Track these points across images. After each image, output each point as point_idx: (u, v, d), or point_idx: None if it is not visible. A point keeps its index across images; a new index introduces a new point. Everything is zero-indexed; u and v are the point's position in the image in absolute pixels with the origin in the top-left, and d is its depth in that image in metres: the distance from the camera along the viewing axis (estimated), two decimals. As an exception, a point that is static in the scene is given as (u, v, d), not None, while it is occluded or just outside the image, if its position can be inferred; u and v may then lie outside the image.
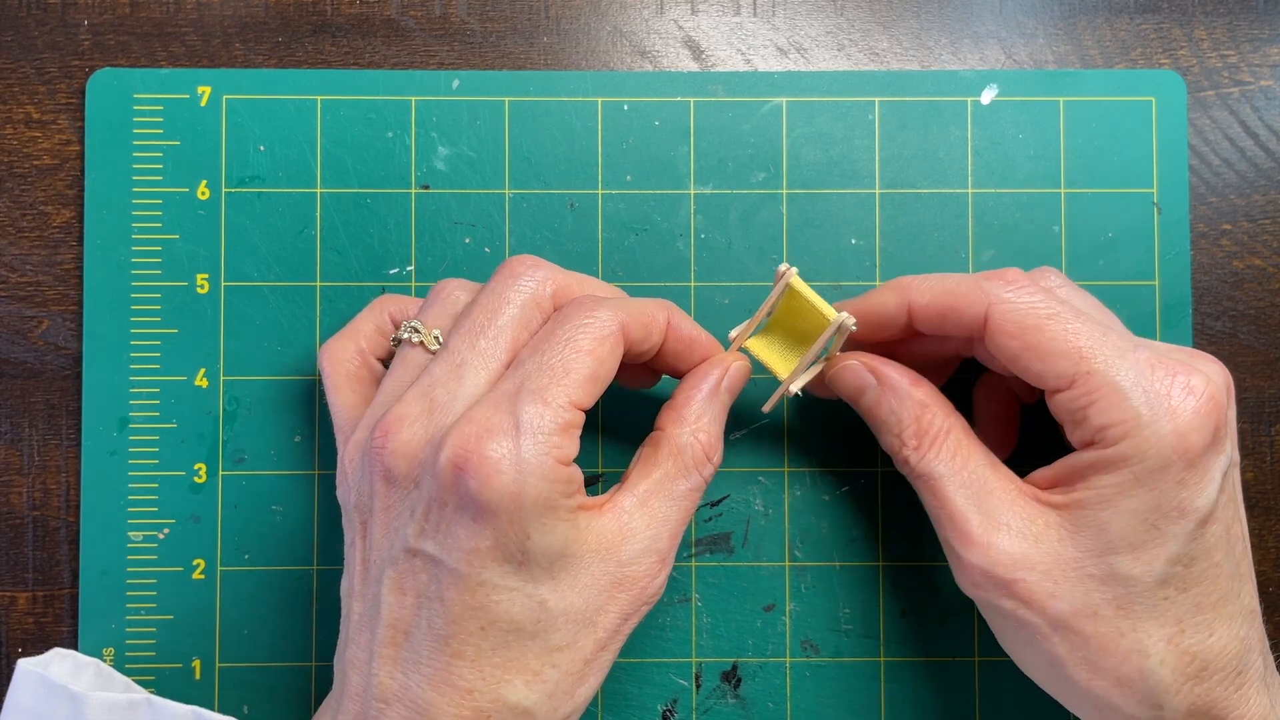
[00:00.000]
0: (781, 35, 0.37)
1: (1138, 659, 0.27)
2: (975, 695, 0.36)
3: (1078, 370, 0.28)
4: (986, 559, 0.28)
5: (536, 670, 0.27)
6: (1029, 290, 0.29)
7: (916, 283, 0.31)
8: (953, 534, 0.29)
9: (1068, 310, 0.28)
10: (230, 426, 0.36)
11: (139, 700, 0.31)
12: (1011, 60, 0.37)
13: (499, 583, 0.26)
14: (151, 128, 0.36)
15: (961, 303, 0.29)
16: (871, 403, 0.31)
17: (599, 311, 0.28)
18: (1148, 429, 0.27)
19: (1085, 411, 0.28)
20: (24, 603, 0.36)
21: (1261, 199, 0.37)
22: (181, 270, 0.36)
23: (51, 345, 0.36)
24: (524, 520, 0.26)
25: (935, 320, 0.30)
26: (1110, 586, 0.27)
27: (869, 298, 0.32)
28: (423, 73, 0.36)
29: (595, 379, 0.28)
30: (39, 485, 0.36)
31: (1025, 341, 0.28)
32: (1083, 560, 0.28)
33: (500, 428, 0.26)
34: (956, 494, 0.29)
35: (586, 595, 0.27)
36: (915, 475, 0.30)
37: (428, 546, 0.27)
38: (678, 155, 0.36)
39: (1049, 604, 0.28)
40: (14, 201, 0.36)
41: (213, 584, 0.35)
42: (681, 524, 0.29)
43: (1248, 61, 0.37)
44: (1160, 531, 0.27)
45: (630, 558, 0.28)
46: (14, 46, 0.37)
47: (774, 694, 0.35)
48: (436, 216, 0.36)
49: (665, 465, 0.29)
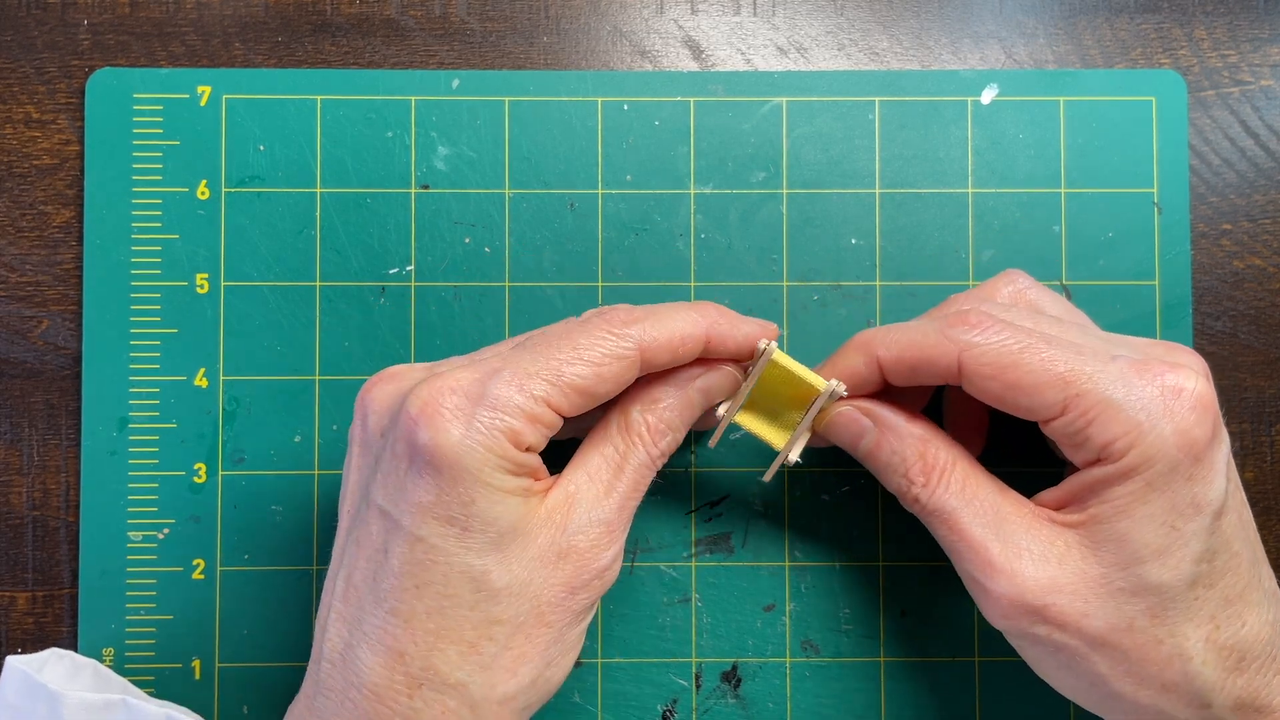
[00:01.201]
0: (781, 35, 0.37)
1: (1180, 663, 0.27)
2: (975, 695, 0.36)
3: (1066, 396, 0.27)
4: (1014, 587, 0.28)
5: (472, 641, 0.26)
6: (994, 329, 0.28)
7: (879, 339, 0.30)
8: (975, 566, 0.29)
9: (1037, 339, 0.28)
10: (230, 426, 0.36)
11: (115, 701, 0.31)
12: (1011, 60, 0.37)
13: (438, 544, 0.26)
14: (151, 128, 0.36)
15: (931, 354, 0.29)
16: (871, 446, 0.31)
17: (625, 330, 0.28)
18: (1150, 435, 0.27)
19: (1085, 433, 0.27)
20: (24, 603, 0.36)
21: (1261, 199, 0.37)
22: (181, 270, 0.36)
23: (51, 345, 0.36)
24: (466, 483, 0.26)
25: (907, 374, 0.30)
26: (1142, 597, 0.27)
27: (837, 362, 0.31)
28: (423, 72, 0.36)
29: (586, 392, 0.27)
30: (39, 485, 0.36)
31: (1005, 381, 0.28)
32: (1110, 575, 0.28)
33: (465, 389, 0.26)
34: (973, 525, 0.29)
35: (531, 568, 0.27)
36: (928, 513, 0.30)
37: (380, 498, 0.27)
38: (678, 155, 0.36)
39: (1084, 624, 0.28)
40: (14, 201, 0.36)
41: (212, 584, 0.35)
42: (629, 497, 0.29)
43: (1248, 61, 0.37)
44: (1180, 532, 0.27)
45: (575, 527, 0.28)
46: (14, 46, 0.37)
47: (774, 694, 0.35)
48: (436, 216, 0.36)
49: (614, 439, 0.29)
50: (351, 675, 0.26)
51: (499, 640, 0.27)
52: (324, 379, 0.36)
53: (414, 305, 0.36)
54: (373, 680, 0.26)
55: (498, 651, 0.27)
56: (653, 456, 0.29)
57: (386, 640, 0.26)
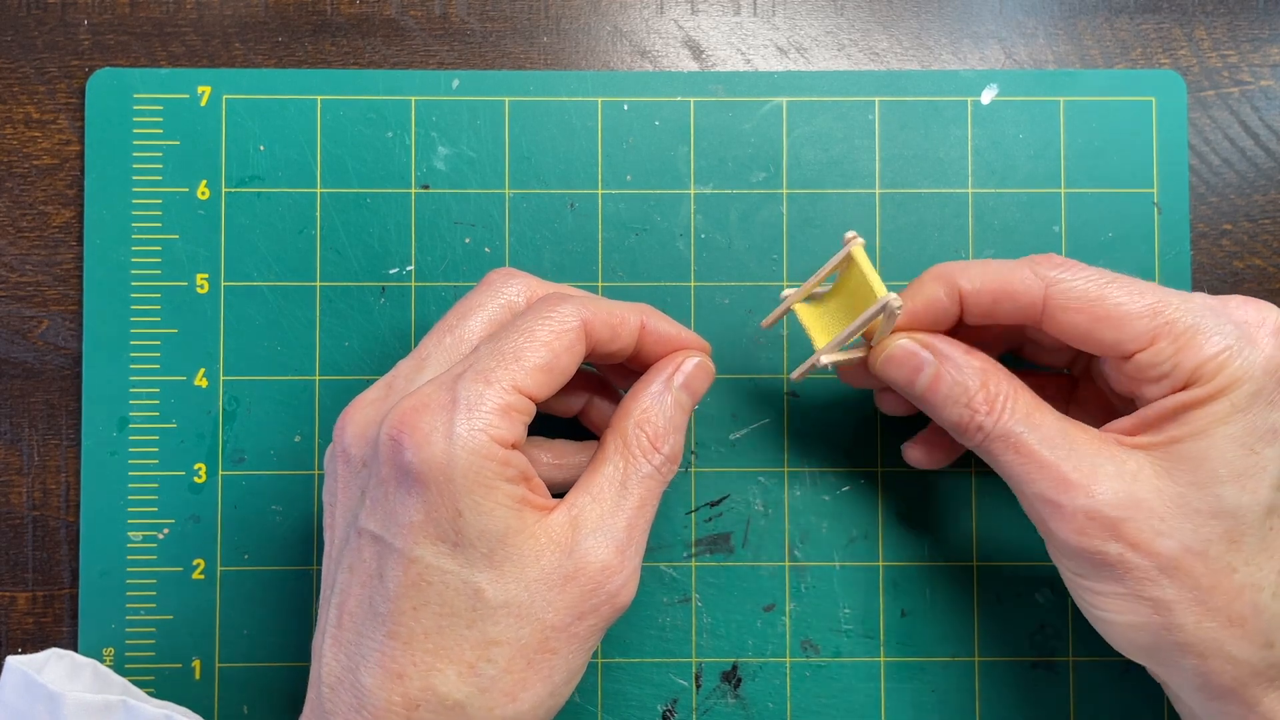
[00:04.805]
0: (781, 35, 0.37)
1: (1251, 594, 0.27)
2: (975, 695, 0.36)
3: (1156, 324, 0.28)
4: (1090, 501, 0.28)
5: (470, 662, 0.26)
6: (1079, 267, 0.29)
7: (961, 270, 0.30)
8: (1048, 484, 0.28)
9: (1121, 276, 0.29)
10: (230, 426, 0.36)
11: (114, 702, 0.31)
12: (1011, 60, 0.37)
13: (432, 561, 0.26)
14: (151, 128, 0.36)
15: (1016, 288, 0.29)
16: (930, 379, 0.30)
17: (562, 307, 0.28)
18: (1240, 357, 0.27)
19: (1176, 359, 0.28)
20: (24, 603, 0.36)
21: (1261, 199, 0.37)
22: (181, 270, 0.36)
23: (51, 345, 0.36)
24: (454, 494, 0.26)
25: (987, 307, 0.30)
26: (1219, 520, 0.27)
27: (916, 292, 0.31)
28: (423, 73, 0.36)
29: (548, 370, 0.27)
30: (39, 485, 0.36)
31: (1094, 313, 0.28)
32: (1187, 495, 0.27)
33: (437, 402, 0.26)
34: (1041, 447, 0.28)
35: (533, 590, 0.26)
36: (992, 439, 0.29)
37: (371, 524, 0.27)
38: (678, 155, 0.36)
39: (1157, 544, 0.27)
40: (14, 201, 0.36)
41: (212, 584, 0.35)
42: (639, 513, 0.28)
43: (1248, 61, 0.37)
44: (1260, 456, 0.27)
45: (583, 548, 0.27)
46: (14, 46, 0.37)
47: (774, 694, 0.35)
48: (436, 216, 0.36)
49: (614, 459, 0.29)
50: (352, 699, 0.26)
51: (498, 662, 0.26)
52: (324, 379, 0.36)
53: (414, 305, 0.36)
54: (372, 703, 0.26)
55: (497, 674, 0.26)
56: (656, 466, 0.29)
57: (385, 663, 0.26)
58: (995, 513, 0.36)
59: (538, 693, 0.27)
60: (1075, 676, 0.36)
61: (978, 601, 0.36)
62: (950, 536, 0.36)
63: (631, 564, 0.28)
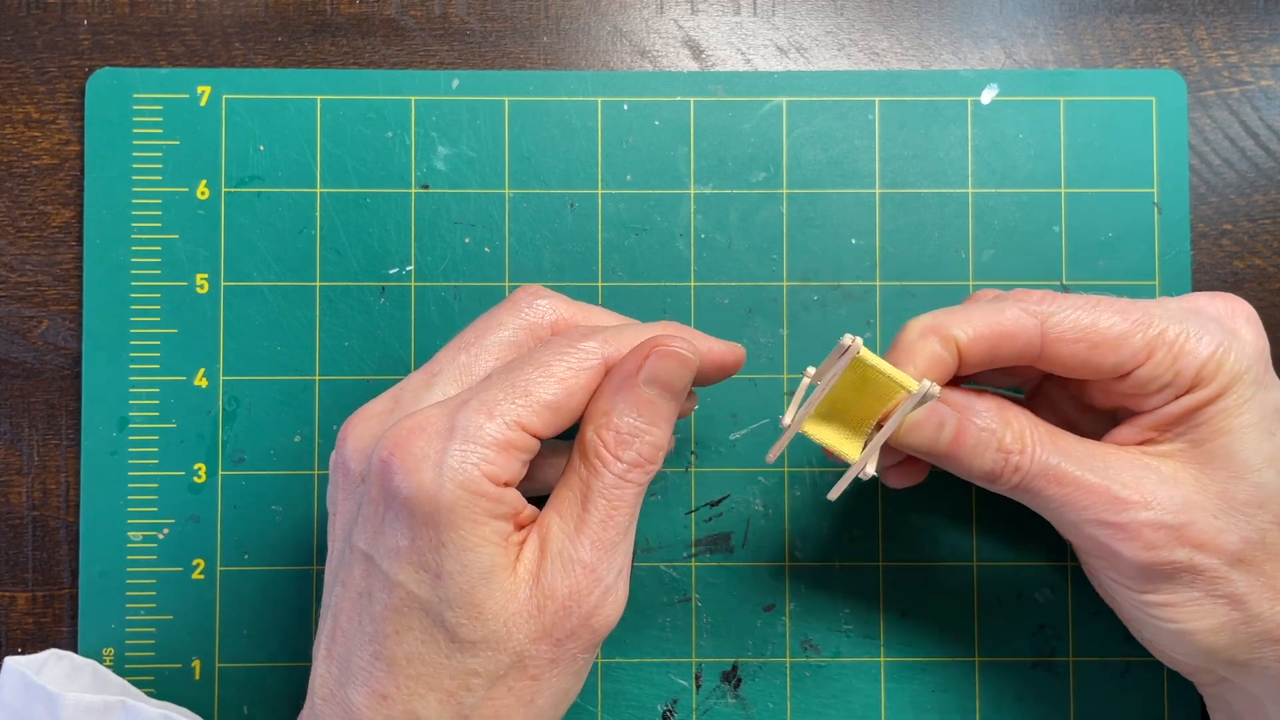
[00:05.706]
0: (781, 35, 0.37)
1: None
2: (975, 695, 0.36)
3: (1148, 338, 0.28)
4: (1151, 513, 0.28)
5: (450, 690, 0.26)
6: (1062, 298, 0.29)
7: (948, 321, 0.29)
8: (1102, 508, 0.28)
9: (1100, 297, 0.29)
10: (230, 426, 0.36)
11: (114, 702, 0.31)
12: (1011, 60, 0.37)
13: (414, 590, 0.25)
14: (151, 127, 0.36)
15: (1012, 329, 0.29)
16: (952, 433, 0.29)
17: (585, 342, 0.27)
18: (1233, 351, 0.28)
19: (1175, 367, 0.28)
20: (24, 603, 0.36)
21: (1262, 199, 0.37)
22: (181, 270, 0.36)
23: (51, 345, 0.36)
24: (438, 526, 0.25)
25: (985, 353, 0.29)
26: (1266, 507, 0.28)
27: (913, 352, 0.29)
28: (422, 72, 0.36)
29: (557, 408, 0.26)
30: (39, 485, 0.36)
31: (1090, 341, 0.28)
32: (1230, 489, 0.28)
33: (434, 428, 0.25)
34: (1083, 472, 0.28)
35: (511, 624, 0.26)
36: (1031, 477, 0.29)
37: (361, 542, 0.27)
38: (678, 155, 0.36)
39: (1221, 540, 0.28)
40: (14, 201, 0.36)
41: (212, 584, 0.35)
42: (606, 527, 0.27)
43: (1248, 61, 0.37)
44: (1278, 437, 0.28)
45: (548, 576, 0.26)
46: (14, 46, 0.37)
47: (774, 694, 0.35)
48: (436, 216, 0.36)
49: (577, 469, 0.27)
50: (342, 714, 0.26)
51: (477, 691, 0.26)
52: (324, 379, 0.36)
53: (414, 305, 0.36)
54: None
55: (477, 703, 0.26)
56: (619, 475, 0.27)
57: (372, 683, 0.26)
58: (995, 513, 0.36)
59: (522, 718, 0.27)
60: (1075, 676, 0.36)
61: (978, 601, 0.36)
62: (950, 536, 0.36)
63: (604, 582, 0.26)
